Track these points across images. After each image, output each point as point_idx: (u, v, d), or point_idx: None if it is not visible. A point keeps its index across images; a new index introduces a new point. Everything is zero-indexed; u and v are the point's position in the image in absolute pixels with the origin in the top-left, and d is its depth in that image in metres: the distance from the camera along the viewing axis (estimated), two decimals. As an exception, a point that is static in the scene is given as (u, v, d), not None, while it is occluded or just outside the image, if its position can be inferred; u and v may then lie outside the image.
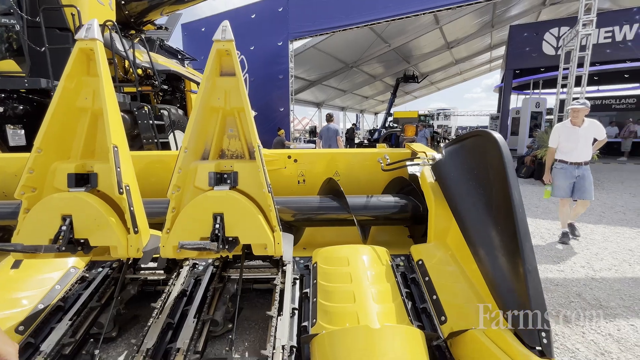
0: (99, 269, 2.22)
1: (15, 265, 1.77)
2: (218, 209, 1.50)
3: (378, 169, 2.74)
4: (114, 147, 1.50)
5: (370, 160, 2.90)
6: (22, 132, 3.74)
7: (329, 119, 7.77)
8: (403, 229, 2.80)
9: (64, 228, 1.44)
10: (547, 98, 14.44)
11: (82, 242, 1.50)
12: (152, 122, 4.43)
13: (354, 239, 2.34)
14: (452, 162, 2.18)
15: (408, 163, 2.58)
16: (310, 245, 2.43)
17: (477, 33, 16.62)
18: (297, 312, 1.81)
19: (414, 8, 9.54)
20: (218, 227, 1.47)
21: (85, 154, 1.66)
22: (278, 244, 1.58)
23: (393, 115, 20.87)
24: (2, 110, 3.68)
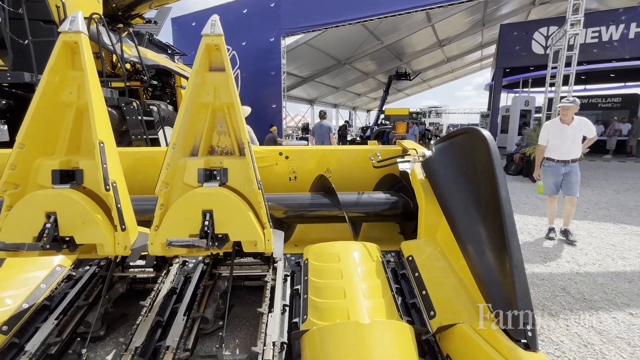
0: (86, 267, 2.18)
1: (-2, 264, 1.73)
2: (207, 206, 1.49)
3: (369, 166, 2.75)
4: (100, 143, 1.47)
5: (362, 157, 2.91)
6: (4, 127, 3.63)
7: (322, 116, 7.76)
8: (394, 226, 2.82)
9: (48, 225, 1.41)
10: (536, 96, 14.68)
11: (67, 240, 1.47)
12: (140, 118, 4.35)
13: (345, 236, 2.36)
14: (441, 159, 2.20)
15: (399, 160, 2.60)
16: (302, 242, 2.43)
17: (468, 31, 16.76)
18: (288, 308, 1.81)
19: (406, 5, 9.57)
20: (207, 224, 1.46)
21: (70, 150, 1.62)
22: (268, 241, 1.57)
23: (384, 113, 20.94)
24: (-17, 105, 3.57)
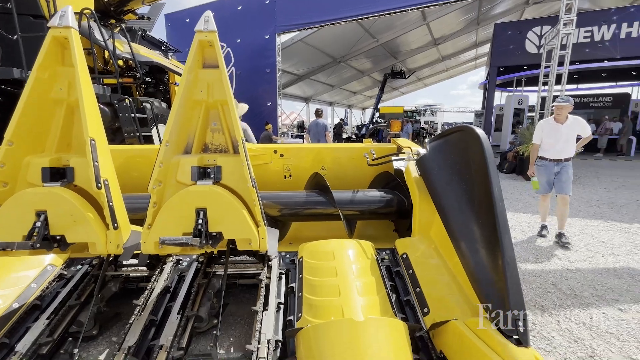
0: (78, 266, 2.15)
1: (-13, 264, 1.70)
2: (201, 204, 1.48)
3: (364, 164, 2.75)
4: (91, 140, 1.45)
5: (357, 155, 2.91)
6: (-7, 124, 3.56)
7: (319, 114, 7.75)
8: (388, 223, 2.83)
9: (39, 224, 1.39)
10: (529, 95, 14.83)
11: (58, 238, 1.45)
12: (133, 115, 4.30)
13: (340, 234, 2.36)
14: (435, 157, 2.21)
15: (393, 158, 2.61)
16: (297, 240, 2.43)
17: (463, 30, 16.84)
18: (282, 306, 1.81)
19: (402, 4, 9.57)
20: (201, 222, 1.45)
21: (61, 148, 1.60)
22: (263, 239, 1.57)
23: (379, 111, 20.99)
24: (-29, 101, 3.50)
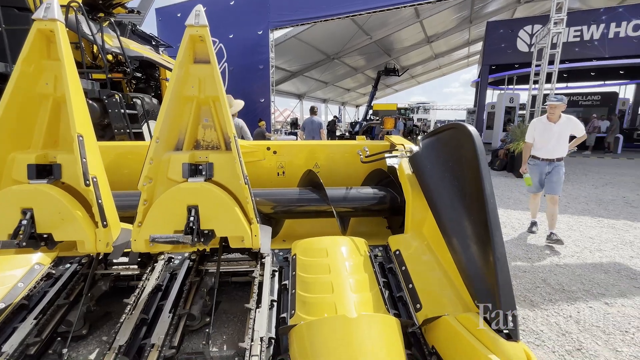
0: (67, 265, 2.11)
1: (-28, 263, 1.66)
2: (192, 201, 1.46)
3: (357, 161, 2.75)
4: (79, 136, 1.41)
5: (350, 153, 2.91)
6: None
7: (314, 112, 7.75)
8: (381, 220, 2.85)
9: (25, 222, 1.35)
10: (520, 94, 15.03)
11: (45, 237, 1.42)
12: (123, 111, 4.22)
13: (334, 231, 2.36)
14: (428, 154, 2.22)
15: (387, 155, 2.61)
16: (290, 237, 2.43)
17: (456, 28, 16.94)
18: (275, 304, 1.80)
19: (395, 1, 9.57)
20: (192, 219, 1.43)
21: (47, 144, 1.56)
22: (255, 237, 1.56)
23: (373, 108, 21.04)
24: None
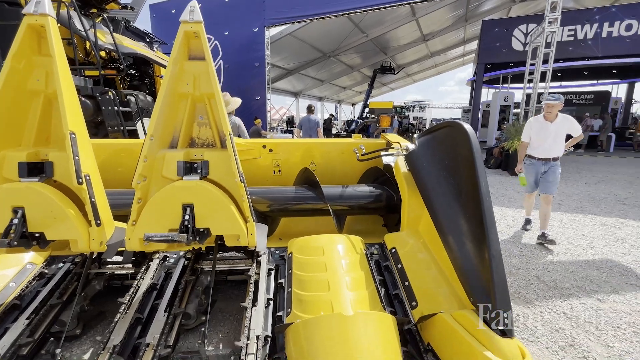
0: (60, 264, 2.09)
1: (-39, 263, 1.63)
2: (187, 200, 1.44)
3: (354, 159, 2.75)
4: (71, 133, 1.39)
5: (346, 151, 2.91)
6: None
7: (311, 110, 7.75)
8: (377, 218, 2.85)
9: (16, 221, 1.33)
10: (515, 92, 15.12)
11: (37, 236, 1.40)
12: (117, 108, 4.17)
13: (330, 229, 2.36)
14: (424, 152, 2.23)
15: (383, 153, 2.62)
16: (286, 236, 2.42)
17: (451, 27, 16.98)
18: (272, 302, 1.80)
19: (391, -2, 9.56)
20: (188, 218, 1.42)
21: (39, 142, 1.53)
22: (251, 235, 1.55)
23: (369, 106, 21.04)
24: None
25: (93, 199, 1.43)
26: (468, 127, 1.75)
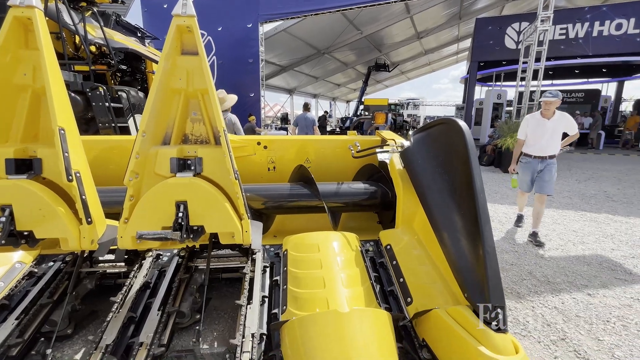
0: (50, 263, 2.05)
1: (-53, 262, 1.59)
2: (181, 197, 1.42)
3: (349, 156, 2.75)
4: (60, 129, 1.36)
5: (341, 148, 2.90)
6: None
7: (307, 108, 7.73)
8: (372, 215, 2.86)
9: (3, 219, 1.29)
10: (507, 90, 15.27)
11: (26, 234, 1.36)
12: (108, 104, 4.10)
13: (325, 226, 2.36)
14: (419, 149, 2.23)
15: (378, 150, 2.61)
16: (281, 233, 2.41)
17: (445, 24, 17.03)
18: (267, 300, 1.79)
19: (386, -5, 9.54)
20: (181, 215, 1.40)
21: (27, 138, 1.49)
22: (246, 232, 1.54)
23: (364, 103, 21.06)
24: None
25: (84, 197, 1.40)
26: (463, 124, 1.75)
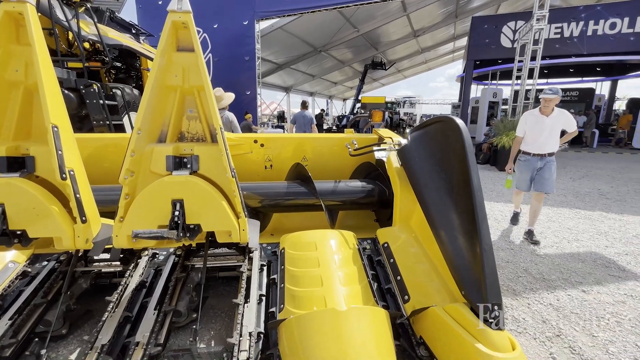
0: (44, 263, 2.02)
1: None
2: (177, 195, 1.41)
3: (346, 154, 2.74)
4: (54, 127, 1.33)
5: (338, 146, 2.90)
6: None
7: (305, 106, 7.71)
8: (370, 213, 2.86)
9: (-5, 218, 1.27)
10: (503, 89, 15.35)
11: (18, 233, 1.34)
12: (102, 102, 4.05)
13: (322, 224, 2.35)
14: (416, 147, 2.23)
15: (375, 148, 2.61)
16: (278, 231, 2.40)
17: (441, 23, 17.05)
18: (264, 298, 1.79)
19: (382, -7, 9.51)
20: (178, 214, 1.39)
21: (19, 135, 1.46)
22: (243, 231, 1.53)
23: (361, 101, 21.04)
24: None
25: (78, 195, 1.38)
26: (460, 122, 1.76)
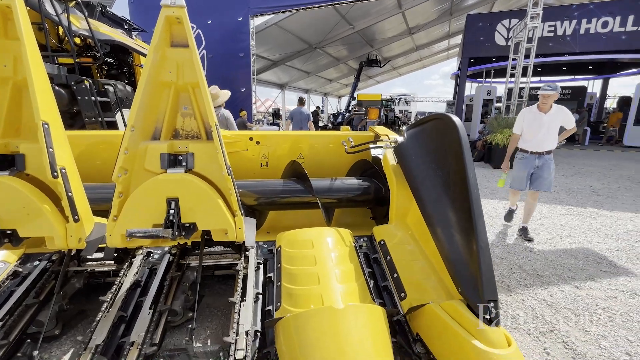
0: (35, 262, 1.98)
1: None
2: (172, 194, 1.39)
3: (342, 152, 2.74)
4: (44, 123, 1.30)
5: (334, 143, 2.89)
6: None
7: (302, 103, 7.68)
8: (366, 211, 2.86)
9: (-16, 218, 1.24)
10: (497, 87, 15.45)
11: (9, 233, 1.31)
12: (94, 98, 3.98)
13: (318, 222, 2.35)
14: (413, 144, 2.23)
15: (371, 146, 2.61)
16: (274, 229, 2.39)
17: (436, 20, 17.07)
18: (261, 296, 1.78)
19: (378, -10, 9.48)
20: (173, 212, 1.37)
21: (8, 133, 1.43)
22: (239, 229, 1.51)
23: (357, 98, 21.03)
24: None
25: (70, 194, 1.35)
26: (457, 119, 1.76)
